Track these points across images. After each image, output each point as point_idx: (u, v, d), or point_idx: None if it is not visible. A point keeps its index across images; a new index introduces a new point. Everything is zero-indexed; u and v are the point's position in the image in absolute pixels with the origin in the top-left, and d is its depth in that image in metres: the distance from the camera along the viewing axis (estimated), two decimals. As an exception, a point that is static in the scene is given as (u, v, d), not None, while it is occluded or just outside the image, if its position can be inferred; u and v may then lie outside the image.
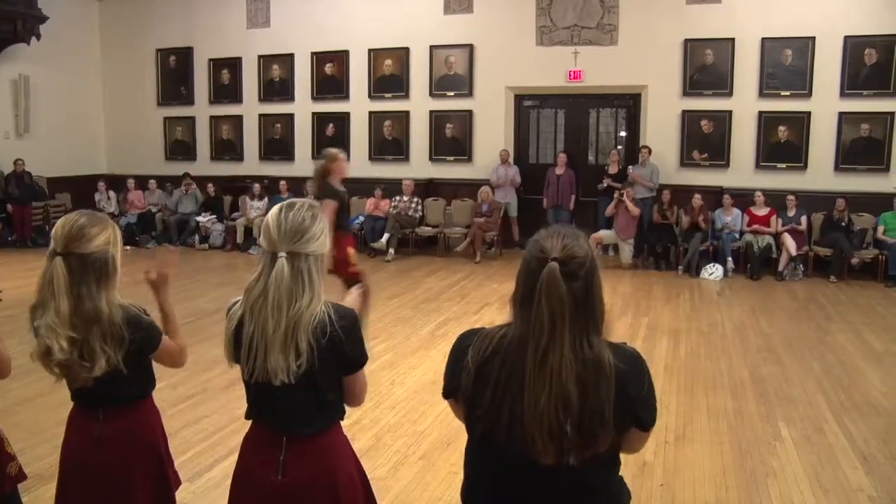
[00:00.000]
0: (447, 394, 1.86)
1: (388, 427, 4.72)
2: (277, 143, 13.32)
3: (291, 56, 13.01)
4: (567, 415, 1.59)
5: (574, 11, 11.57)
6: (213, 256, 11.67)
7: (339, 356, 2.07)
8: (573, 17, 11.59)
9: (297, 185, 12.05)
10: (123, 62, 14.06)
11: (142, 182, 13.36)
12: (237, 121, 13.54)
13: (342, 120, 12.83)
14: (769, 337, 7.13)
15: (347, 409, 2.26)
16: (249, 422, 2.23)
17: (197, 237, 12.44)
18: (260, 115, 13.37)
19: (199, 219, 12.50)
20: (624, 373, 1.65)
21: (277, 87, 13.20)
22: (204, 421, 4.75)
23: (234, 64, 13.42)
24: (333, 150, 6.07)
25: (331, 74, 12.84)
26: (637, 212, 10.71)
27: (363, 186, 12.14)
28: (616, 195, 10.72)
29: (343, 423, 2.25)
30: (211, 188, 12.85)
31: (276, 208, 2.09)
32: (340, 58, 12.74)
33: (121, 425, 2.37)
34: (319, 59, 12.86)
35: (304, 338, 1.98)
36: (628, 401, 1.66)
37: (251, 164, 13.47)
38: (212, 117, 13.72)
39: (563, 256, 1.65)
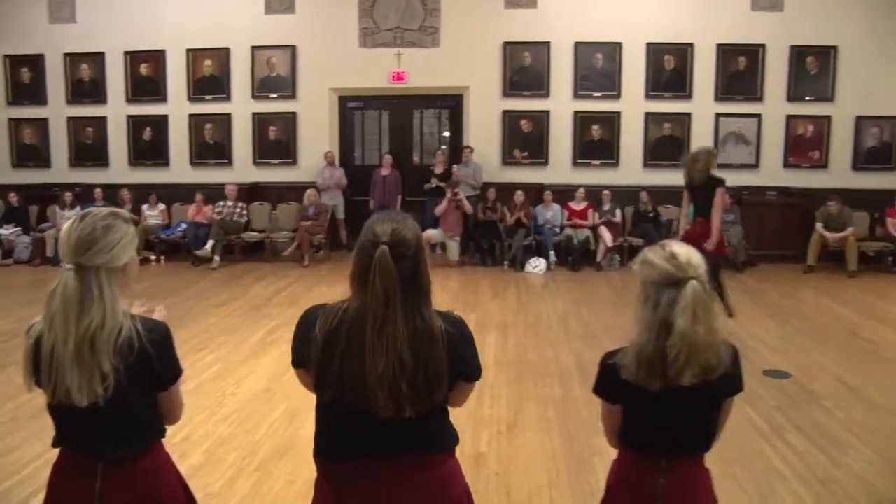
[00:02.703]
0: (296, 364, 2.01)
1: (220, 440, 4.55)
2: (90, 148, 12.48)
3: (102, 55, 12.22)
4: (403, 375, 1.82)
5: (397, 13, 11.69)
6: (20, 272, 10.76)
7: (150, 372, 1.98)
8: (396, 19, 11.70)
9: (112, 193, 11.40)
10: None
11: (-73, 192, 12.12)
12: (42, 124, 12.54)
13: (160, 123, 12.25)
14: (590, 325, 7.53)
15: (172, 426, 2.17)
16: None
17: (-1, 251, 11.48)
18: (69, 118, 12.45)
19: (2, 231, 11.54)
20: (453, 336, 1.92)
21: (88, 87, 12.38)
22: (13, 453, 4.36)
23: (35, 61, 12.39)
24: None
25: (146, 75, 12.22)
26: (470, 209, 11.02)
27: (184, 192, 11.70)
28: (450, 195, 10.93)
29: (173, 440, 2.17)
30: (14, 197, 11.85)
31: (73, 218, 1.98)
32: (156, 58, 12.14)
33: None
34: (133, 58, 12.18)
35: (105, 358, 1.88)
36: (458, 359, 1.93)
37: (60, 170, 12.52)
38: (11, 120, 12.58)
39: (393, 240, 1.85)
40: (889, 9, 11.21)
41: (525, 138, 11.84)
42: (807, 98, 11.50)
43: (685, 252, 2.04)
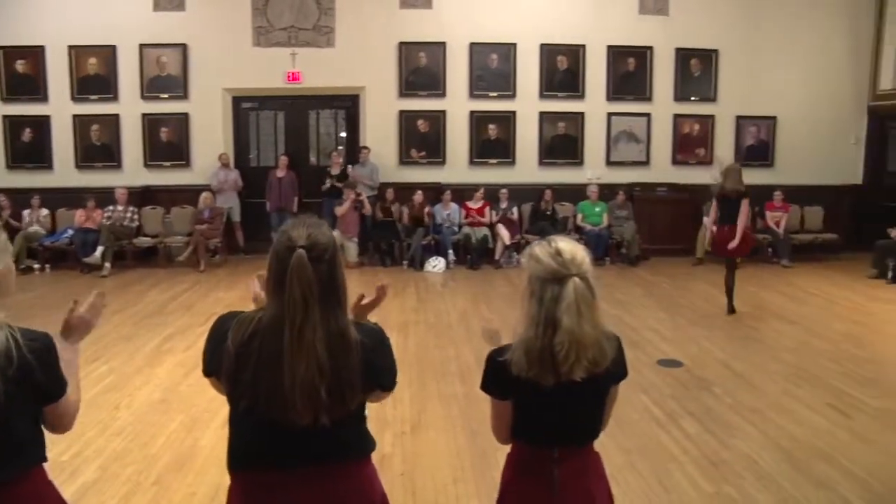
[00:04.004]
0: (208, 373, 1.97)
1: (115, 455, 4.38)
2: (-38, 151, 11.75)
3: (-29, 51, 11.52)
4: (322, 380, 1.80)
5: (291, 12, 11.52)
6: None
7: (33, 386, 1.84)
8: (290, 18, 11.53)
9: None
10: None
11: None
12: None
13: (41, 124, 11.60)
14: (490, 322, 7.58)
15: (63, 438, 2.05)
16: None
17: None
18: (-65, 119, 11.68)
19: None
20: (368, 347, 1.91)
21: (-44, 85, 11.63)
22: None
23: None
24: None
25: (24, 73, 11.55)
26: (370, 210, 10.99)
27: (70, 197, 11.16)
28: (353, 196, 10.85)
29: (61, 458, 2.07)
30: None
31: None
32: (35, 54, 11.49)
33: None
34: (8, 54, 11.47)
35: None
36: (373, 369, 1.93)
37: (-70, 174, 11.77)
38: None
39: (309, 244, 1.84)
40: (763, 15, 11.85)
41: (422, 138, 11.88)
42: (692, 98, 12.02)
43: (570, 249, 2.08)
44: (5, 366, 1.77)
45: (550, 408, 2.10)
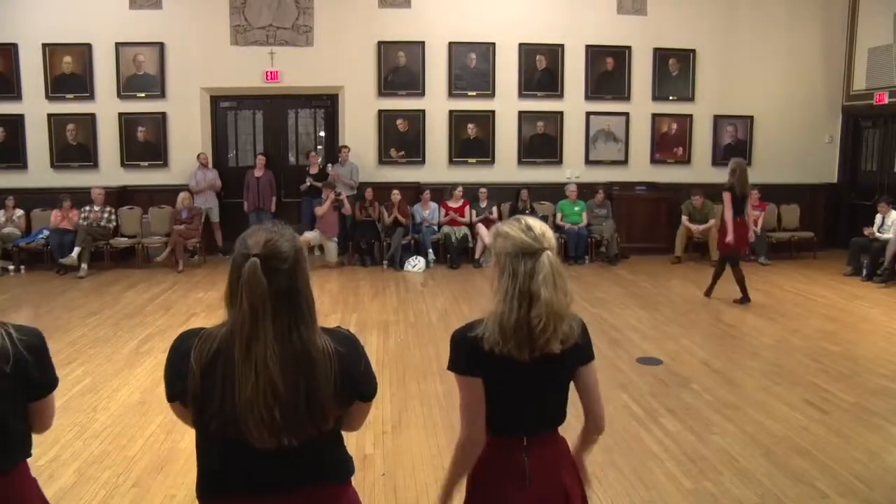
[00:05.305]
0: (171, 398, 1.83)
1: (93, 458, 4.33)
2: (-66, 151, 11.58)
3: (-57, 48, 11.34)
4: (276, 402, 1.66)
5: (269, 11, 11.46)
6: None
7: (26, 381, 1.86)
8: (268, 17, 11.47)
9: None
10: None
11: None
12: None
13: (15, 122, 11.45)
14: (470, 321, 7.60)
15: (39, 442, 2.03)
16: None
17: None
18: None
19: None
20: (344, 355, 1.79)
21: (-73, 83, 11.44)
22: None
23: None
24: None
25: (-3, 71, 11.44)
26: (350, 210, 10.97)
27: (46, 197, 11.02)
28: (333, 196, 10.82)
29: (38, 462, 2.05)
30: None
31: None
32: (8, 52, 11.32)
33: None
34: (-21, 52, 11.36)
35: None
36: (351, 379, 1.80)
37: None
38: None
39: (265, 252, 1.70)
40: (740, 16, 11.99)
41: (401, 137, 11.88)
42: (670, 98, 12.11)
43: (539, 225, 2.07)
44: (2, 363, 1.79)
45: (522, 385, 2.07)
